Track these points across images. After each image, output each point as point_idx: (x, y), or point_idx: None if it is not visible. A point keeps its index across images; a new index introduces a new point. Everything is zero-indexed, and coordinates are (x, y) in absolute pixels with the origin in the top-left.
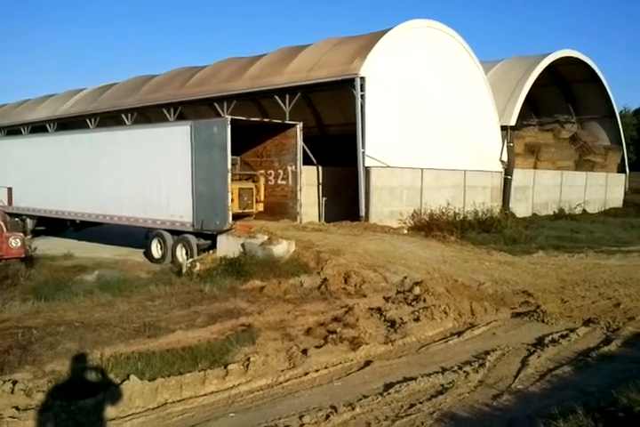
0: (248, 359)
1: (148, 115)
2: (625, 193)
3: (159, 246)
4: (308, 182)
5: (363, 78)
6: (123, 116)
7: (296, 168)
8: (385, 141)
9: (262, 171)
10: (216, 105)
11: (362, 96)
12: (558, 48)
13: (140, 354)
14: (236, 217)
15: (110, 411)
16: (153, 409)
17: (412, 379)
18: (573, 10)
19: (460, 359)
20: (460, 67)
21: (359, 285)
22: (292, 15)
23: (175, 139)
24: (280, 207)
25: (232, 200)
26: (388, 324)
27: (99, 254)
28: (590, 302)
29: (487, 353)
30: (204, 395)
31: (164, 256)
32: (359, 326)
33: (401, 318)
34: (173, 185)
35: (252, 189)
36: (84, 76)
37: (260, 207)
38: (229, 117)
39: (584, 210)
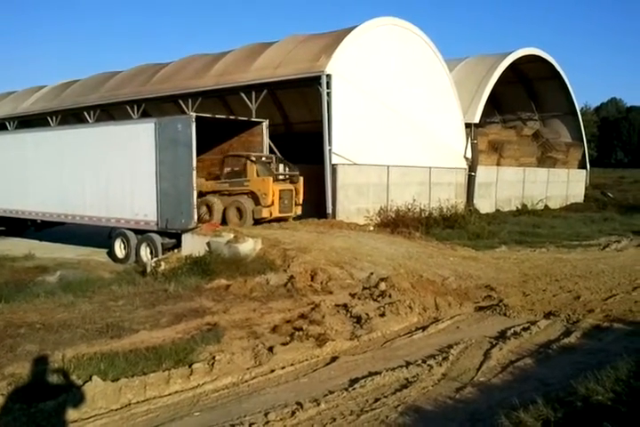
0: (213, 358)
1: (111, 112)
2: (586, 189)
3: (122, 246)
4: None
5: (329, 76)
6: (85, 113)
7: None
8: (351, 139)
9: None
10: (181, 102)
11: (328, 93)
12: (521, 46)
13: (102, 355)
14: (273, 221)
15: (72, 413)
16: (116, 410)
17: (376, 373)
18: (535, 8)
19: (425, 353)
20: (425, 64)
21: (325, 282)
22: (257, 12)
23: (139, 136)
24: None
25: (272, 203)
26: (354, 320)
27: (61, 255)
28: (551, 296)
29: (451, 347)
30: (169, 395)
31: (127, 256)
32: (325, 323)
33: (367, 314)
34: (137, 183)
35: (291, 190)
36: (42, 75)
37: (299, 211)
38: (194, 114)
39: (546, 205)
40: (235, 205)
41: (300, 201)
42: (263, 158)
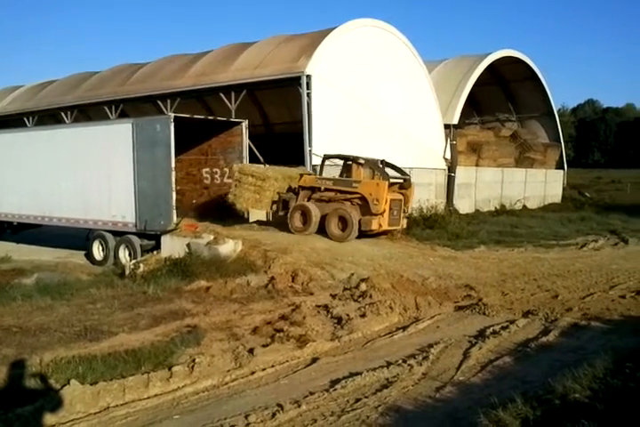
0: (193, 361)
1: (88, 113)
2: (563, 189)
3: (101, 248)
4: None
5: (309, 76)
6: (62, 114)
7: None
8: (331, 139)
9: (207, 169)
10: (159, 102)
11: (308, 94)
12: (499, 48)
13: (81, 358)
14: (379, 235)
15: (50, 418)
16: (95, 414)
17: (357, 374)
18: (514, 10)
19: (405, 353)
20: (404, 65)
21: (306, 283)
22: (236, 12)
23: (116, 137)
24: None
25: (383, 212)
26: (335, 320)
27: (38, 257)
28: (530, 295)
29: (431, 346)
30: (148, 398)
31: (106, 258)
32: (306, 324)
33: (347, 315)
34: (115, 185)
35: (401, 200)
36: (19, 75)
37: (405, 223)
38: (172, 115)
39: (524, 205)
40: (337, 213)
41: (409, 210)
42: (361, 161)
